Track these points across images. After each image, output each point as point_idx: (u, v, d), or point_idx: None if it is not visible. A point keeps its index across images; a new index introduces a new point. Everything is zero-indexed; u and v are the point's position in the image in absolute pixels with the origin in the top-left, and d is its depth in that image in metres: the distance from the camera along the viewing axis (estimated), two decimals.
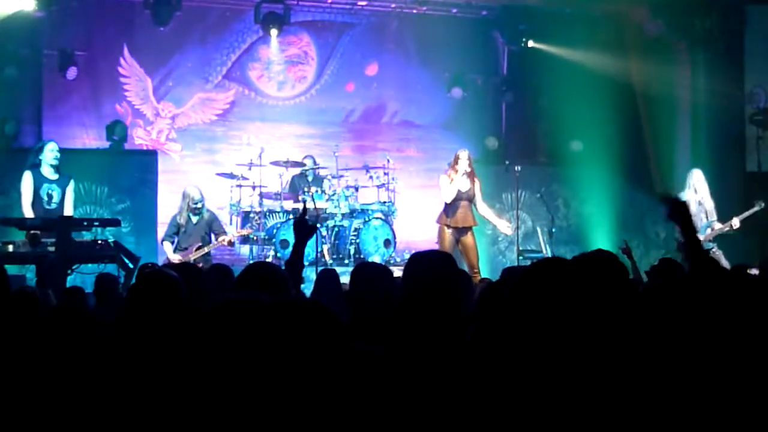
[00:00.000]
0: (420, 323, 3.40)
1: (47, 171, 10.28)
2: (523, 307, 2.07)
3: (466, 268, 10.48)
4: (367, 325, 3.94)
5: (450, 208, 10.99)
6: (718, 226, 11.20)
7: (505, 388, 2.00)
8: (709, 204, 11.27)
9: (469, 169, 10.97)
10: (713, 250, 10.93)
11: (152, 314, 3.88)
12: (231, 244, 11.44)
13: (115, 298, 7.01)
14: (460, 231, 11.02)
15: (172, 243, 11.13)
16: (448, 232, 10.99)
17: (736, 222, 11.12)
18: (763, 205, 11.20)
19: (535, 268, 2.14)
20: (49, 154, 10.30)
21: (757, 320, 3.28)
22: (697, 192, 11.22)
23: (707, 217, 11.19)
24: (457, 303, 3.48)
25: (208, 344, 2.53)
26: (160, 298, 3.99)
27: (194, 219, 11.11)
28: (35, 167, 10.28)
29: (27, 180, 10.21)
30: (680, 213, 3.93)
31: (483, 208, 11.23)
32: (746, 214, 11.18)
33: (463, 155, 11.01)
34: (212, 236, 11.16)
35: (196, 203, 11.04)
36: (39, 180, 10.23)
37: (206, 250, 10.98)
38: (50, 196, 10.20)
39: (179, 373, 2.89)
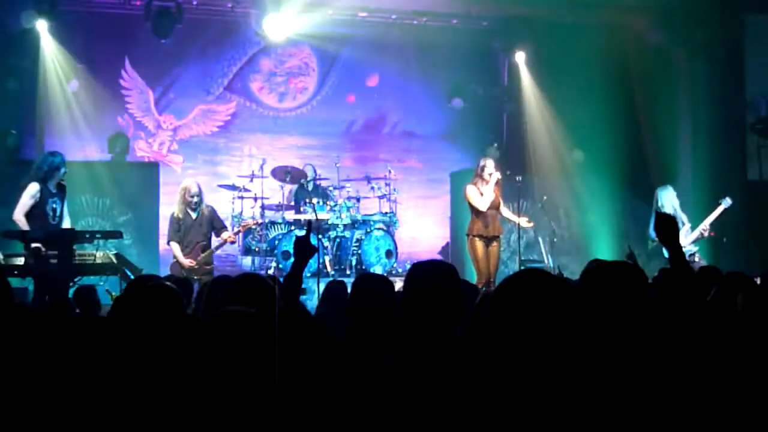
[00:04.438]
0: (420, 332, 3.40)
1: (51, 185, 10.14)
2: (498, 318, 2.07)
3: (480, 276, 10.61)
4: (368, 335, 3.95)
5: (480, 218, 11.01)
6: (693, 236, 11.20)
7: (491, 399, 2.00)
8: (683, 216, 11.26)
9: (499, 177, 10.99)
10: (695, 256, 10.92)
11: (151, 325, 3.89)
12: (233, 241, 11.37)
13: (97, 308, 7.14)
14: (490, 240, 11.06)
15: (178, 242, 10.80)
16: (480, 243, 11.01)
17: (706, 226, 11.08)
18: (729, 201, 11.12)
19: (510, 281, 2.15)
20: (62, 171, 10.13)
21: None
22: (666, 208, 11.19)
23: (682, 225, 11.18)
24: (459, 313, 3.49)
25: (198, 357, 2.55)
26: (161, 309, 4.00)
27: (192, 215, 10.84)
28: (43, 181, 10.08)
29: (32, 192, 9.98)
30: (665, 227, 3.95)
31: (504, 210, 11.28)
32: (713, 215, 11.11)
33: (491, 164, 10.99)
34: (213, 234, 10.94)
35: (192, 196, 10.75)
36: (45, 195, 10.06)
37: (211, 251, 10.84)
38: (54, 211, 10.12)
39: (174, 385, 2.90)
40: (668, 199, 11.24)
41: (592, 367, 2.66)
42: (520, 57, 14.53)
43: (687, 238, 11.08)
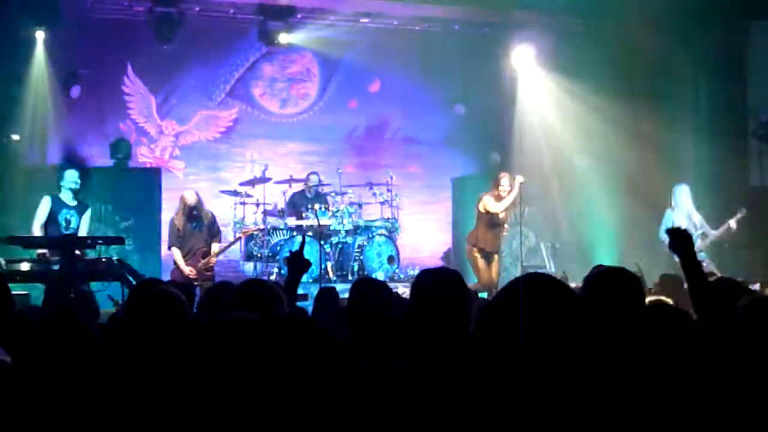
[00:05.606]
0: (427, 339, 3.40)
1: (66, 197, 10.21)
2: (496, 323, 2.07)
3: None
4: (366, 340, 3.95)
5: (481, 231, 11.14)
6: (713, 232, 11.20)
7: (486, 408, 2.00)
8: (697, 217, 11.28)
9: (505, 193, 11.19)
10: (704, 262, 10.93)
11: (155, 331, 3.90)
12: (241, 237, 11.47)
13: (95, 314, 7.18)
14: (489, 254, 11.18)
15: (180, 248, 10.84)
16: (479, 255, 11.16)
17: (733, 223, 11.11)
18: (745, 210, 11.20)
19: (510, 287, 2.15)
20: (69, 179, 10.24)
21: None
22: (683, 206, 11.22)
23: (695, 230, 11.18)
24: (466, 320, 3.49)
25: (202, 363, 2.55)
26: (166, 316, 4.01)
27: (193, 222, 10.83)
28: (56, 193, 10.20)
29: (44, 204, 10.15)
30: (683, 245, 3.96)
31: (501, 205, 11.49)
32: (737, 217, 11.19)
33: (506, 182, 11.28)
34: (212, 240, 10.93)
35: (192, 208, 10.76)
36: (58, 206, 10.16)
37: (212, 258, 10.80)
38: (68, 222, 10.16)
39: (178, 390, 2.90)
40: (681, 198, 11.26)
41: (594, 374, 2.65)
42: (521, 63, 14.53)
43: (708, 236, 11.09)
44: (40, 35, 12.46)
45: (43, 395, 3.41)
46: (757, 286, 7.74)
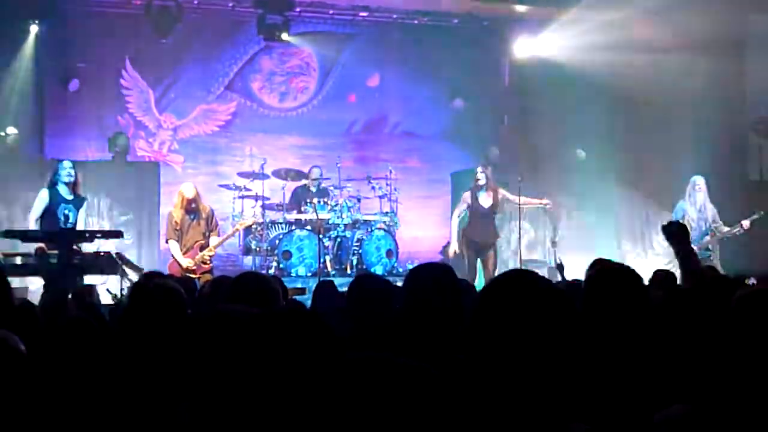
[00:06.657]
0: (423, 335, 3.40)
1: (63, 190, 10.16)
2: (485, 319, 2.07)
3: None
4: (367, 337, 3.94)
5: (471, 223, 11.18)
6: (725, 229, 11.19)
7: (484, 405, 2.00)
8: (711, 210, 11.26)
9: (482, 182, 11.19)
10: (710, 257, 10.92)
11: (155, 324, 3.89)
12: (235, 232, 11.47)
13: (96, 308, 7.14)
14: (482, 248, 11.20)
15: (177, 241, 10.76)
16: (466, 249, 11.20)
17: (746, 223, 11.11)
18: (762, 213, 11.21)
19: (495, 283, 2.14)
20: (62, 171, 10.19)
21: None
22: (697, 199, 11.21)
23: (706, 224, 11.16)
24: (458, 315, 3.48)
25: (199, 356, 2.54)
26: (165, 309, 4.00)
27: (191, 215, 10.80)
28: (53, 186, 10.14)
29: (42, 197, 10.08)
30: (676, 237, 3.98)
31: (522, 200, 11.68)
32: (753, 218, 11.22)
33: (479, 171, 11.34)
34: (210, 233, 10.90)
35: (190, 202, 10.74)
36: (56, 200, 10.09)
37: (212, 250, 10.77)
38: (66, 217, 10.10)
39: (180, 384, 2.90)
40: (702, 190, 11.26)
41: (591, 370, 2.65)
42: (521, 56, 14.51)
43: (720, 232, 11.09)
44: (33, 29, 12.46)
45: (45, 388, 3.41)
46: (753, 281, 7.70)
